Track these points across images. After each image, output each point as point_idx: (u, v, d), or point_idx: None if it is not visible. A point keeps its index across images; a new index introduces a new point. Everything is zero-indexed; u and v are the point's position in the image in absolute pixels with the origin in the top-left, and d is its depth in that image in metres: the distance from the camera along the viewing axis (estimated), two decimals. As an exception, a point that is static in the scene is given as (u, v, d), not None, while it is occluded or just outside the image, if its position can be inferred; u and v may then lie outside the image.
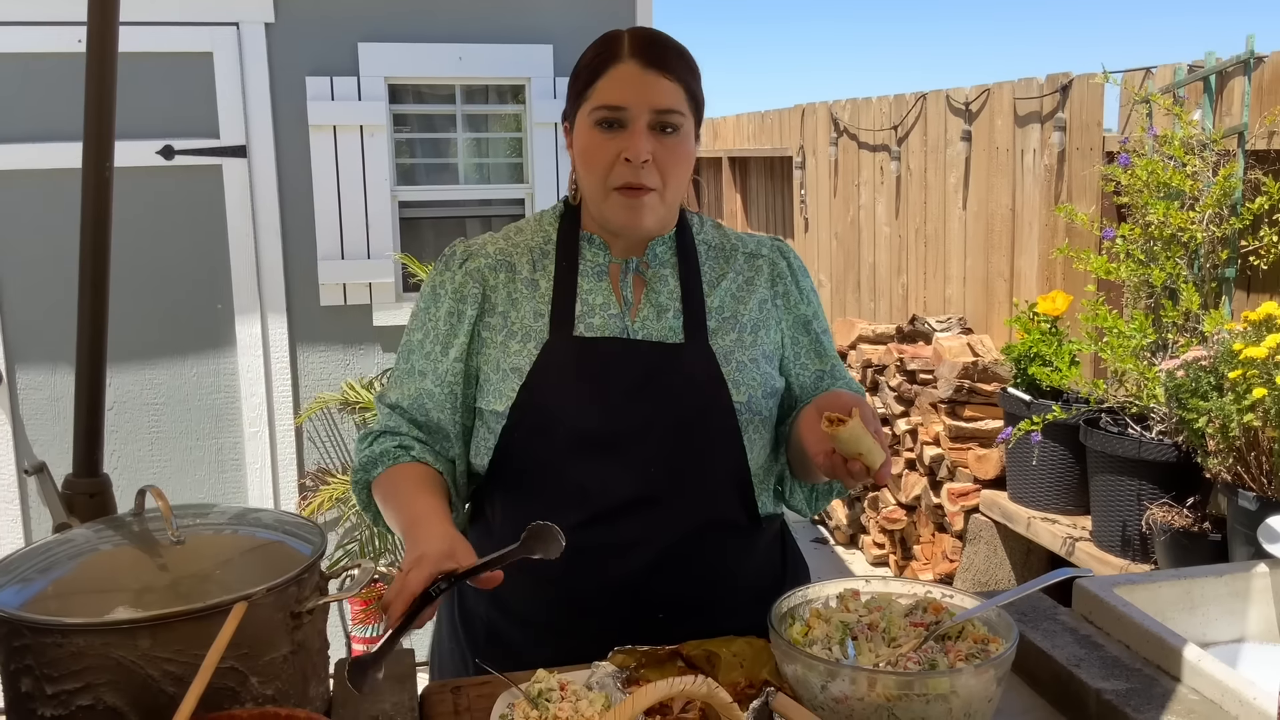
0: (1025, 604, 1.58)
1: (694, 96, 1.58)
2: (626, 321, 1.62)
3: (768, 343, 1.67)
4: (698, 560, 1.61)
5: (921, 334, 5.02)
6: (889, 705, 1.20)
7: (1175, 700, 1.32)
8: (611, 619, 1.58)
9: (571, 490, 1.58)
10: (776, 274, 1.71)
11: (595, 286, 1.63)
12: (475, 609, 1.70)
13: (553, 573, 1.56)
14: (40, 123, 3.60)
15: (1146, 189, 3.46)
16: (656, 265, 1.66)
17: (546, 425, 1.58)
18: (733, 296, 1.67)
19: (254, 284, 3.82)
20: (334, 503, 3.78)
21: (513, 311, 1.62)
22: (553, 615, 1.62)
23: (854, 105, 6.08)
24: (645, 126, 1.53)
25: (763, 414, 1.63)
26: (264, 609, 1.21)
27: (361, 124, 3.81)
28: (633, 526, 1.57)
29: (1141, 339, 3.32)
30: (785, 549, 1.78)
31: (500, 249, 1.67)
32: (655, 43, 1.57)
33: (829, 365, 1.73)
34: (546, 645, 1.55)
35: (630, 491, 1.57)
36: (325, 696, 1.35)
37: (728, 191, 8.40)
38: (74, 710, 1.17)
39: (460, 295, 1.64)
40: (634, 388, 1.58)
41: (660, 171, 1.55)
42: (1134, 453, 3.26)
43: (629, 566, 1.58)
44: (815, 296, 1.76)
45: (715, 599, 1.63)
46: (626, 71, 1.54)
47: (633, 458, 1.57)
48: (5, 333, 3.69)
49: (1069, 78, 4.28)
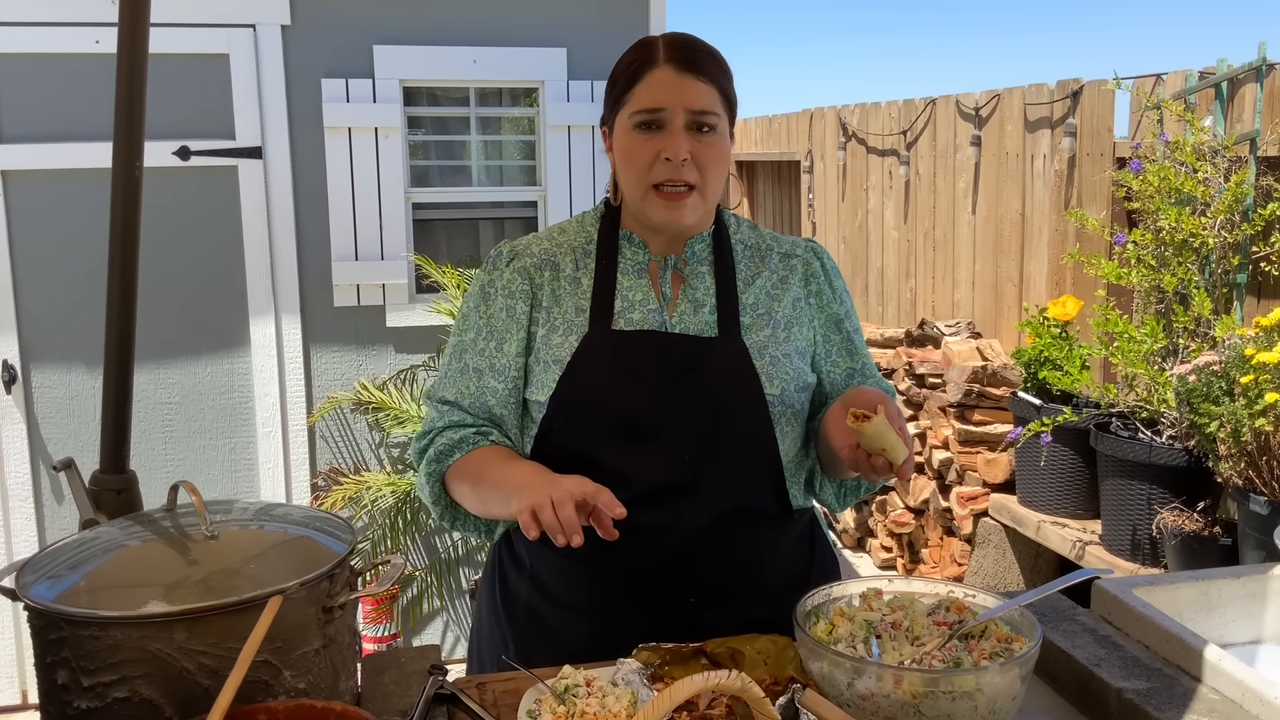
0: (1044, 604, 1.59)
1: (727, 97, 1.65)
2: (664, 316, 1.68)
3: (800, 339, 1.73)
4: (728, 547, 1.66)
5: (930, 338, 5.03)
6: (915, 702, 1.22)
7: (1196, 700, 1.33)
8: (643, 602, 1.64)
9: (607, 476, 1.60)
10: (810, 274, 1.77)
11: (635, 283, 1.70)
12: (517, 591, 1.75)
13: (588, 555, 1.62)
14: (58, 123, 3.63)
15: (1158, 194, 3.48)
16: (694, 263, 1.72)
17: (584, 413, 1.64)
18: (767, 294, 1.73)
19: (268, 284, 3.84)
20: (346, 502, 3.79)
21: (555, 307, 1.69)
22: (588, 597, 1.68)
23: (863, 110, 6.09)
24: (683, 127, 1.60)
25: (795, 407, 1.69)
26: (297, 603, 1.23)
27: (376, 126, 3.83)
28: (666, 512, 1.63)
29: (1152, 344, 3.33)
30: (815, 542, 1.82)
31: (545, 249, 1.74)
32: (688, 46, 1.64)
33: (860, 363, 1.78)
34: (582, 627, 1.63)
35: (664, 478, 1.63)
36: (354, 690, 1.37)
37: (734, 195, 8.42)
38: (110, 702, 1.19)
39: (510, 292, 1.71)
40: (669, 378, 1.64)
41: (699, 169, 1.62)
42: (1144, 457, 3.27)
43: (661, 550, 1.64)
44: (848, 297, 1.81)
45: (744, 586, 1.68)
46: (663, 76, 1.61)
47: (667, 445, 1.63)
48: (21, 332, 3.71)
49: (1080, 84, 4.30)
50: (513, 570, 1.77)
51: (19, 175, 3.63)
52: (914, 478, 4.76)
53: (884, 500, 5.06)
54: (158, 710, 1.18)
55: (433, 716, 1.34)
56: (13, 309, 3.68)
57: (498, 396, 1.70)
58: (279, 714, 1.16)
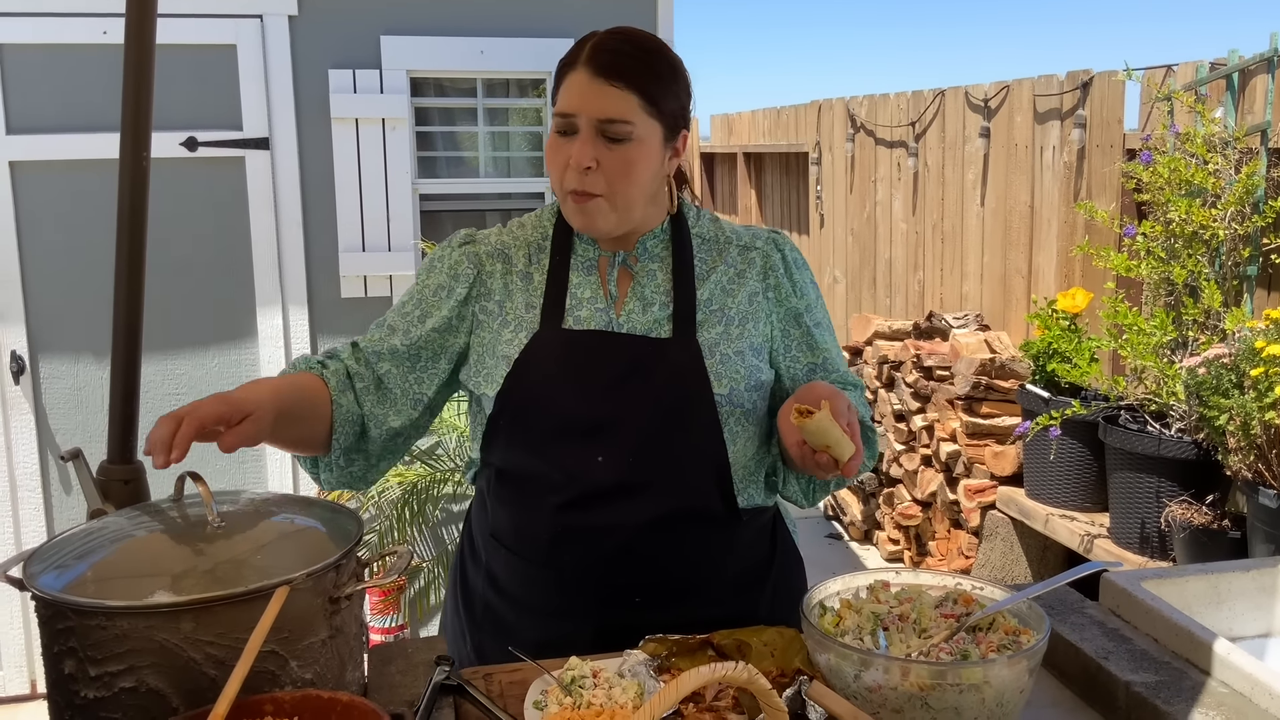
0: (1052, 597, 1.58)
1: (654, 101, 1.59)
2: (611, 315, 1.66)
3: (755, 335, 1.69)
4: (673, 548, 1.65)
5: (938, 330, 5.02)
6: (922, 695, 1.21)
7: (1205, 693, 1.33)
8: (590, 602, 1.63)
9: (555, 475, 1.63)
10: (769, 266, 1.73)
11: (584, 280, 1.68)
12: (475, 586, 1.77)
13: (538, 554, 1.66)
14: (66, 114, 3.63)
15: (1168, 186, 3.46)
16: (646, 259, 1.70)
17: (531, 412, 1.63)
18: (722, 289, 1.69)
19: (276, 275, 3.84)
20: (353, 493, 3.80)
21: (508, 301, 1.68)
22: (537, 596, 1.68)
23: (871, 101, 6.07)
24: (591, 134, 1.56)
25: (745, 406, 1.66)
26: (303, 594, 1.22)
27: (383, 117, 3.82)
28: (612, 512, 1.62)
29: (1162, 336, 3.31)
30: (776, 540, 1.79)
31: (501, 240, 1.73)
32: (610, 49, 1.58)
33: (820, 358, 1.74)
34: (533, 625, 1.62)
35: (610, 479, 1.61)
36: (361, 681, 1.37)
37: (742, 187, 8.41)
38: (117, 692, 1.19)
39: (454, 273, 1.70)
40: (616, 379, 1.62)
41: (606, 178, 1.58)
42: (1153, 450, 3.26)
43: (606, 551, 1.63)
44: (811, 289, 1.77)
45: (692, 587, 1.67)
46: (578, 80, 1.58)
47: (613, 446, 1.61)
48: (29, 323, 3.72)
49: (1089, 75, 4.28)
50: (471, 565, 1.79)
51: (27, 166, 3.63)
52: (921, 470, 4.75)
53: (891, 493, 5.06)
54: (164, 700, 1.18)
55: (439, 707, 1.34)
56: (21, 300, 3.69)
57: (394, 358, 1.68)
58: (285, 704, 1.15)
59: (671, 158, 1.66)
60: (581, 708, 1.33)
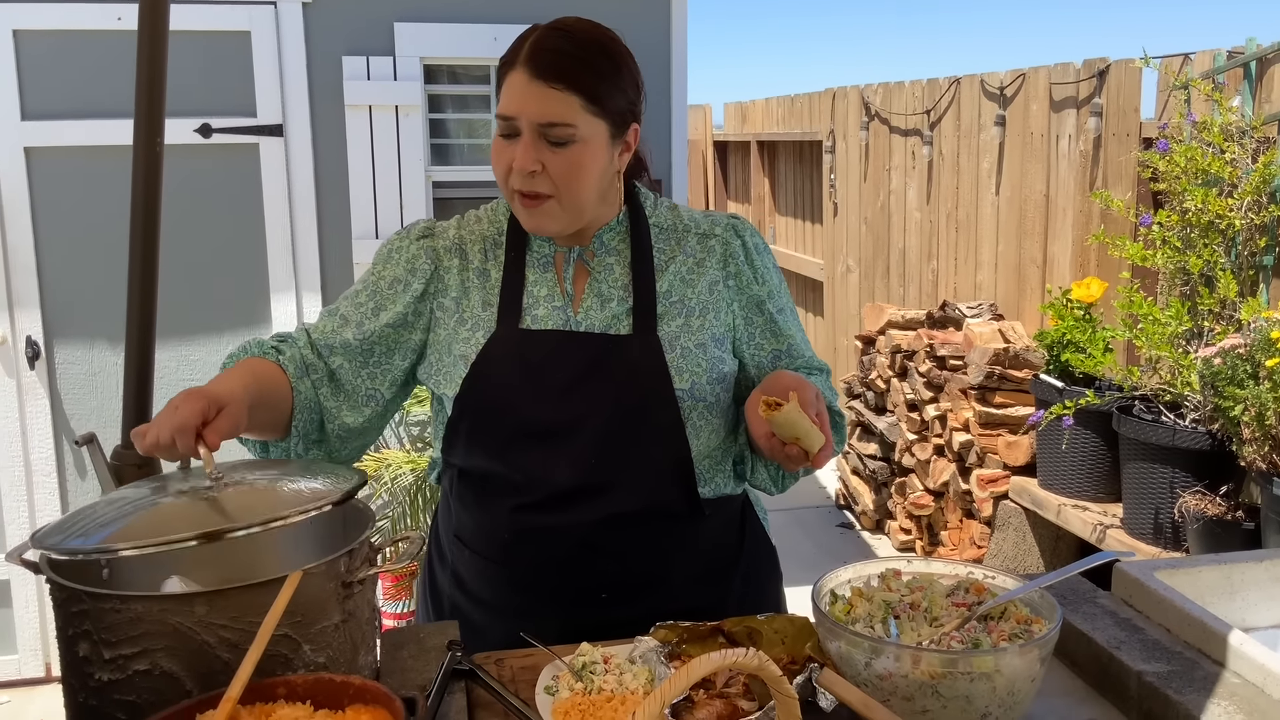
0: (1064, 587, 1.58)
1: (598, 101, 1.54)
2: (569, 313, 1.62)
3: (717, 326, 1.66)
4: (637, 545, 1.64)
5: (952, 320, 5.00)
6: (933, 683, 1.21)
7: (1219, 684, 1.32)
8: (555, 599, 1.62)
9: (515, 477, 1.61)
10: (729, 254, 1.69)
11: (540, 277, 1.64)
12: (442, 585, 1.76)
13: (500, 554, 1.65)
14: (80, 100, 3.64)
15: (1185, 175, 3.44)
16: (602, 254, 1.66)
17: (490, 416, 1.61)
18: (681, 280, 1.66)
19: (289, 262, 3.85)
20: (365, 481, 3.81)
21: (464, 299, 1.64)
22: (501, 596, 1.67)
23: (886, 89, 6.05)
24: (533, 137, 1.52)
25: (707, 400, 1.63)
26: (316, 578, 1.23)
27: (397, 104, 3.82)
28: (573, 513, 1.60)
29: (1177, 326, 3.30)
30: (745, 528, 1.78)
31: (459, 235, 1.69)
32: (549, 49, 1.53)
33: (785, 344, 1.71)
34: (499, 624, 1.58)
35: (571, 481, 1.60)
36: (373, 665, 1.37)
37: (756, 175, 8.39)
38: (131, 675, 1.19)
39: (411, 268, 1.66)
40: (575, 380, 1.59)
41: (553, 180, 1.54)
42: (1167, 440, 3.25)
43: (570, 550, 1.62)
44: (773, 275, 1.73)
45: (658, 580, 1.66)
46: (516, 81, 1.53)
47: (573, 448, 1.59)
48: (44, 308, 3.74)
49: (1106, 63, 4.25)
50: (438, 566, 1.78)
51: (42, 152, 3.65)
52: (933, 460, 4.74)
53: (903, 482, 5.05)
54: (178, 683, 1.19)
55: (450, 691, 1.35)
56: (36, 286, 3.70)
57: (346, 352, 1.65)
58: (299, 687, 1.16)
59: (622, 153, 1.62)
60: (593, 693, 1.34)
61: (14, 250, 3.67)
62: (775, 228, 8.26)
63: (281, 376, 1.60)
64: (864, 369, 5.49)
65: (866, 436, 5.47)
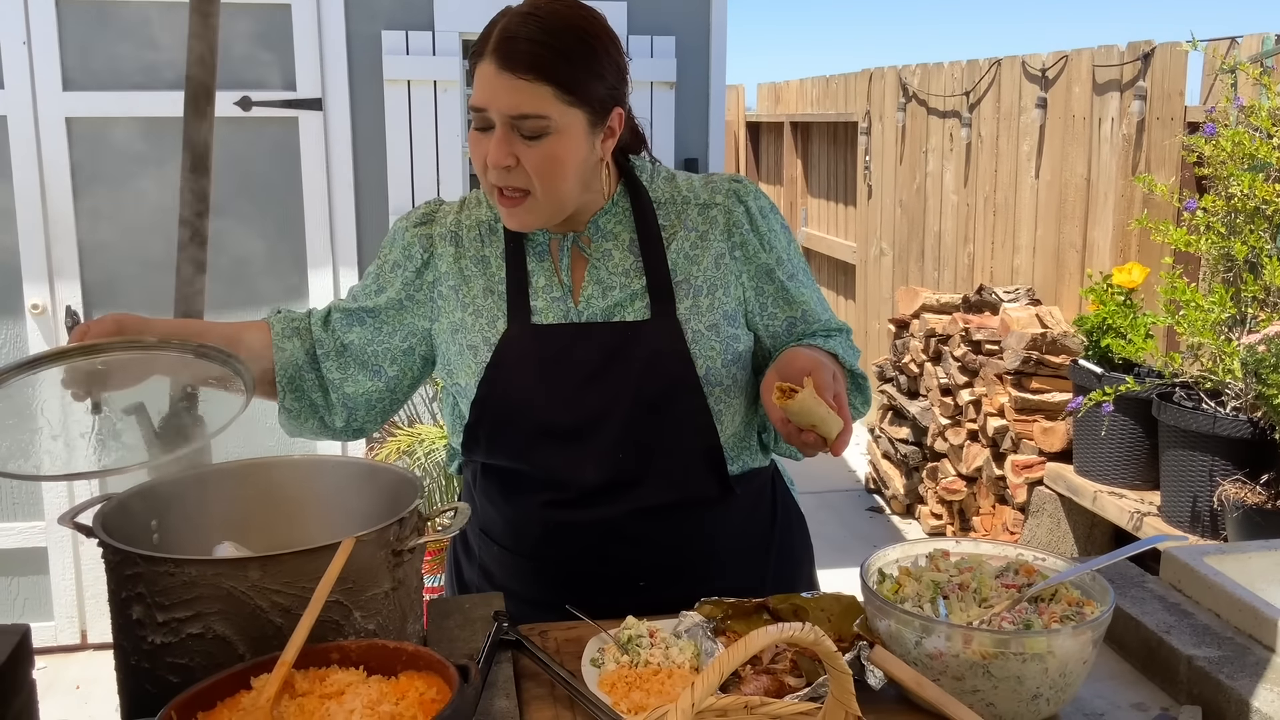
0: (1111, 571, 1.56)
1: (572, 90, 1.46)
2: (569, 304, 1.58)
3: (728, 302, 1.60)
4: (673, 533, 1.62)
5: (988, 304, 4.96)
6: (984, 663, 1.21)
7: (1270, 669, 1.31)
8: (592, 590, 1.59)
9: (541, 476, 1.59)
10: (732, 223, 1.62)
11: (538, 267, 1.60)
12: (470, 582, 1.75)
13: (532, 550, 1.63)
14: (120, 71, 3.65)
15: (1231, 160, 3.39)
16: (599, 239, 1.60)
17: (511, 419, 1.58)
18: (685, 257, 1.60)
19: (327, 236, 3.86)
20: (400, 455, 3.83)
21: (463, 286, 1.62)
22: (533, 589, 1.65)
23: (924, 70, 5.99)
24: (506, 130, 1.46)
25: (724, 383, 1.59)
26: (368, 546, 1.24)
27: (435, 79, 3.82)
28: (605, 507, 1.58)
29: (1220, 313, 3.26)
30: (776, 499, 1.76)
31: (456, 220, 1.66)
32: (518, 38, 1.45)
33: (799, 311, 1.65)
34: (536, 617, 1.54)
35: (600, 477, 1.57)
36: (420, 634, 1.38)
37: (789, 157, 8.34)
38: (184, 638, 1.20)
39: (407, 253, 1.65)
40: (592, 375, 1.55)
41: (530, 174, 1.48)
42: (1208, 428, 3.21)
43: (604, 543, 1.60)
44: (781, 237, 1.65)
45: (697, 563, 1.64)
46: (486, 72, 1.47)
47: (600, 444, 1.56)
48: (84, 279, 3.76)
49: (1151, 46, 4.19)
50: (465, 561, 1.76)
51: (83, 123, 3.67)
52: (967, 445, 4.72)
53: (935, 467, 5.03)
54: (231, 647, 1.20)
55: (498, 660, 1.35)
56: (76, 256, 3.73)
57: (359, 326, 1.64)
58: (352, 653, 1.17)
59: (605, 140, 1.54)
60: (639, 666, 1.34)
61: (54, 220, 3.70)
62: (808, 209, 8.22)
63: (262, 332, 1.64)
64: (896, 353, 5.45)
65: (898, 420, 5.45)
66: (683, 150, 4.04)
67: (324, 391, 1.66)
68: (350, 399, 1.67)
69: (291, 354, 1.64)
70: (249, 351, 1.57)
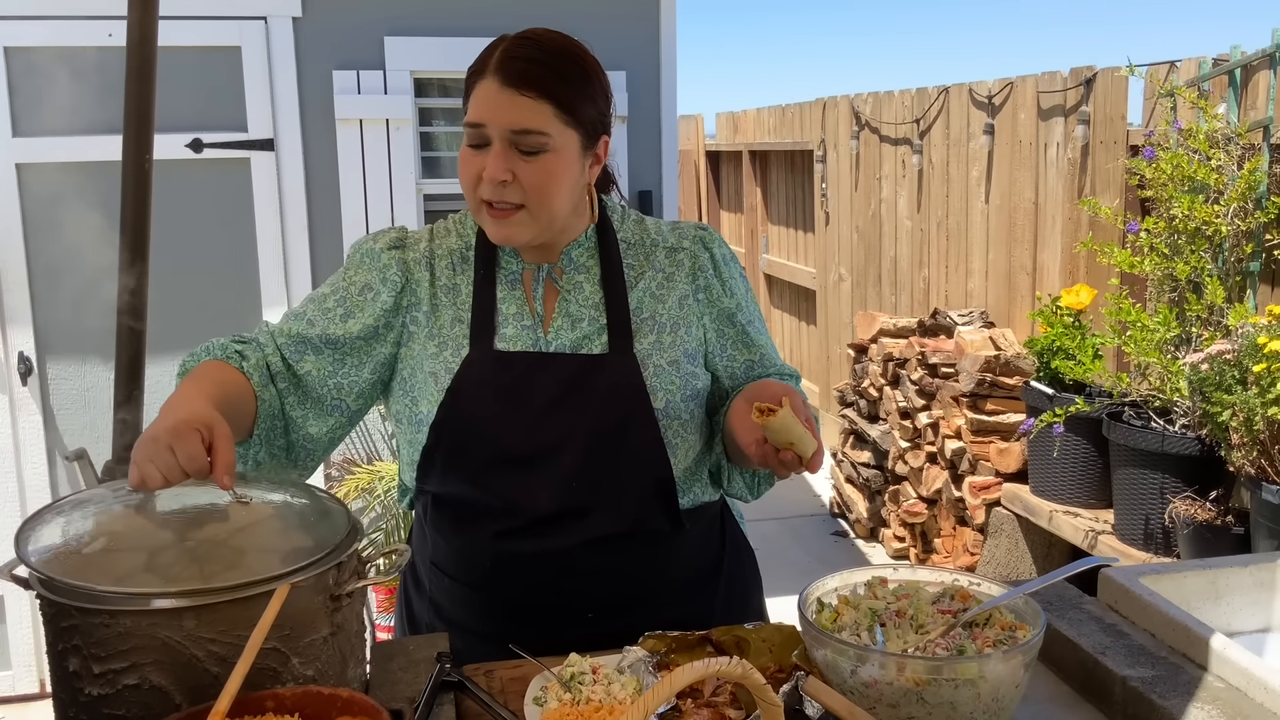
0: (1050, 593, 1.59)
1: (570, 110, 1.53)
2: (539, 334, 1.61)
3: (689, 341, 1.66)
4: (622, 564, 1.63)
5: (943, 327, 5.02)
6: (918, 690, 1.22)
7: (1202, 688, 1.33)
8: (540, 622, 1.60)
9: (494, 504, 1.60)
10: (698, 267, 1.68)
11: (509, 295, 1.62)
12: (420, 615, 1.74)
13: (481, 581, 1.63)
14: (72, 116, 3.64)
15: (1171, 182, 3.46)
16: (571, 271, 1.64)
17: (467, 442, 1.58)
18: (651, 296, 1.65)
19: (281, 276, 3.86)
20: (359, 492, 3.81)
21: (434, 315, 1.62)
22: (482, 621, 1.65)
23: (876, 99, 6.07)
24: (504, 146, 1.51)
25: (683, 418, 1.62)
26: (305, 591, 1.24)
27: (388, 117, 3.84)
28: (556, 538, 1.59)
29: (1165, 332, 3.31)
30: (725, 534, 1.78)
31: (429, 248, 1.66)
32: (520, 58, 1.52)
33: (758, 354, 1.71)
34: (483, 650, 1.55)
35: (552, 505, 1.59)
36: (363, 678, 1.38)
37: (748, 185, 8.41)
38: (120, 689, 1.20)
39: (383, 277, 1.63)
40: (552, 402, 1.57)
41: (525, 190, 1.51)
42: (1157, 446, 3.26)
43: (553, 574, 1.61)
44: (741, 285, 1.72)
45: (645, 596, 1.66)
46: (487, 89, 1.51)
47: (554, 472, 1.58)
48: (36, 324, 3.74)
49: (1093, 71, 4.28)
50: (415, 595, 1.76)
51: (34, 169, 3.66)
52: (926, 468, 4.75)
53: (897, 490, 5.06)
54: (167, 697, 1.19)
55: (440, 703, 1.35)
56: (28, 301, 3.71)
57: (318, 359, 1.60)
58: (287, 700, 1.17)
59: (592, 165, 1.60)
60: (581, 704, 1.34)
61: (6, 267, 3.68)
62: (768, 237, 8.28)
63: (245, 385, 1.55)
64: (856, 377, 5.50)
65: (860, 444, 5.48)
66: (637, 182, 4.08)
67: (286, 433, 1.63)
68: (311, 440, 1.64)
69: (270, 403, 1.59)
70: (243, 408, 1.53)
